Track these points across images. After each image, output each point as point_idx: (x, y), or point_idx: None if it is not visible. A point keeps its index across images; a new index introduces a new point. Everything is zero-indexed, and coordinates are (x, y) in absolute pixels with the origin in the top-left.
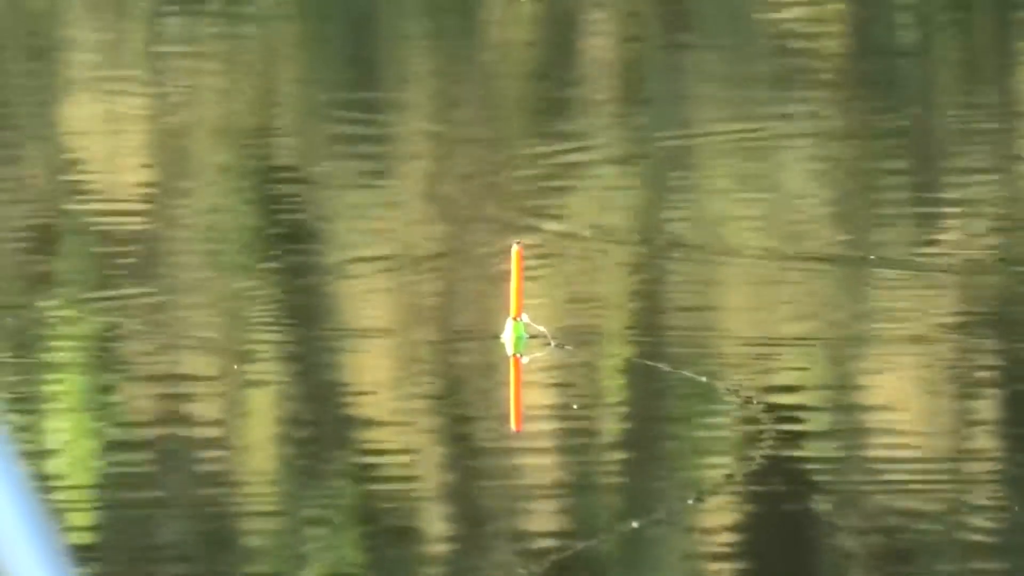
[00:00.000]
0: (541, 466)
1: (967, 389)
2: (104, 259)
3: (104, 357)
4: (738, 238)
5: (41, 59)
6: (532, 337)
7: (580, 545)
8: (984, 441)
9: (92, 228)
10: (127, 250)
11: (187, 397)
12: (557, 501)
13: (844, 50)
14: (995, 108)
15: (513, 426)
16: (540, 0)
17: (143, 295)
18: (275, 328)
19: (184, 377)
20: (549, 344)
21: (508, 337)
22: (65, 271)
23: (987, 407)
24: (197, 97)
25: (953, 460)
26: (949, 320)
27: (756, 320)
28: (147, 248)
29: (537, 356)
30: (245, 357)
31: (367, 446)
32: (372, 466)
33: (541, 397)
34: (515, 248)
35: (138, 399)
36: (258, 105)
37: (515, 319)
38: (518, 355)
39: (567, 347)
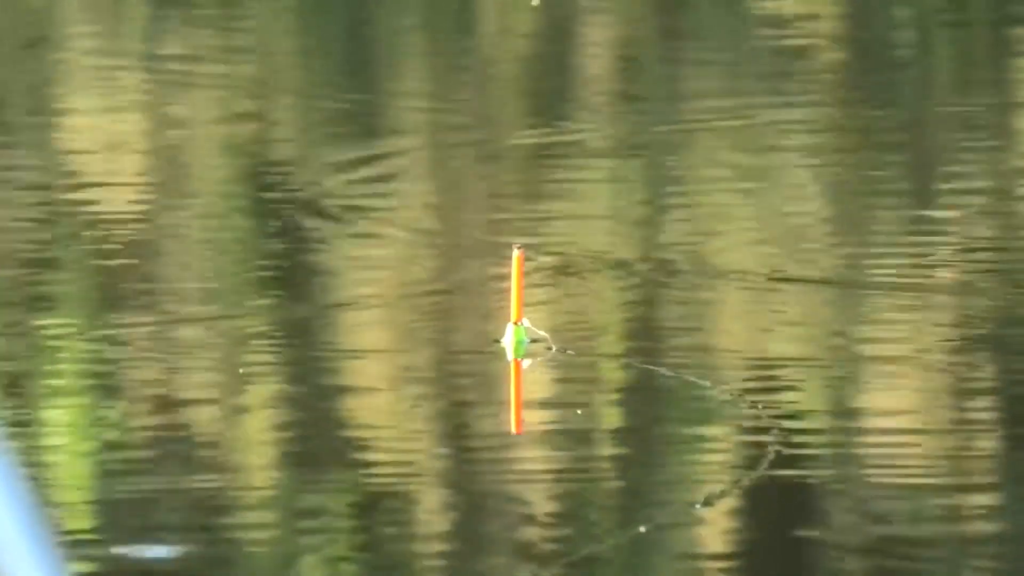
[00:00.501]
0: (543, 472)
1: (965, 408)
2: (101, 269)
3: (101, 366)
4: (733, 257)
5: (37, 60)
6: (533, 341)
7: (584, 550)
8: (983, 458)
9: (89, 239)
10: (124, 262)
11: (184, 404)
12: (559, 505)
13: (840, 55)
14: (992, 119)
15: (514, 432)
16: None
17: (141, 300)
18: (272, 335)
19: (181, 385)
20: (550, 348)
21: (508, 341)
22: (62, 282)
23: (985, 426)
24: (194, 100)
25: (952, 476)
26: (946, 340)
27: (752, 340)
28: (144, 259)
29: (538, 360)
30: (243, 364)
31: (365, 451)
32: (370, 471)
33: (542, 402)
34: (516, 252)
35: (135, 406)
36: (255, 110)
37: (515, 323)
38: (519, 359)
39: (569, 351)
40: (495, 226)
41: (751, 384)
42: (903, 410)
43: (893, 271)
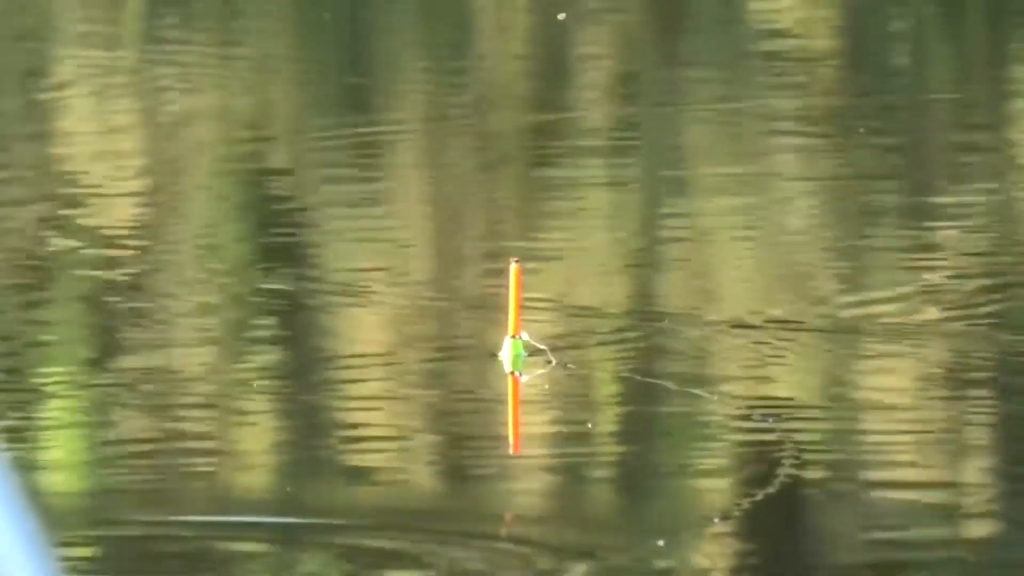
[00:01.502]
0: (542, 489)
1: (963, 451)
2: (98, 279)
3: (99, 378)
4: (732, 300)
5: (31, 53)
6: (531, 355)
7: (598, 564)
8: (980, 497)
9: (84, 249)
10: (120, 272)
11: (182, 418)
12: (561, 524)
13: (838, 84)
14: (990, 149)
15: (511, 447)
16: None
17: (138, 313)
18: (269, 352)
19: (178, 397)
20: (550, 362)
21: (506, 355)
22: (57, 292)
23: (983, 469)
24: (191, 109)
25: (951, 515)
26: (944, 384)
27: (749, 384)
28: (141, 269)
29: (537, 374)
30: (239, 382)
31: (360, 467)
32: (366, 487)
33: (542, 416)
34: (513, 266)
35: (133, 419)
36: (253, 120)
37: (513, 337)
38: (516, 373)
39: (569, 365)
40: (491, 237)
41: (751, 410)
42: (903, 459)
43: (892, 311)
